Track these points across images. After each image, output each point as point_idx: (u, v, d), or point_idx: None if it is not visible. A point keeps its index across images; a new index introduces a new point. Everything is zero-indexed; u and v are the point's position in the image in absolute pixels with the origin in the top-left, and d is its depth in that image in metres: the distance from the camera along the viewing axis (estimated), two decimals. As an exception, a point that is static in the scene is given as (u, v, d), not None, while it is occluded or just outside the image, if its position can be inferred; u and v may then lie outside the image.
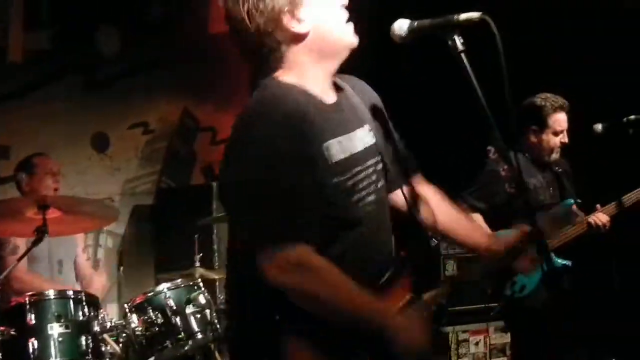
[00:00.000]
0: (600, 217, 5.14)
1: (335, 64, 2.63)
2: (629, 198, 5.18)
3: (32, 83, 7.14)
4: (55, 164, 5.79)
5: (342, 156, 2.52)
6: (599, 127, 5.22)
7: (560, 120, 5.23)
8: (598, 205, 5.17)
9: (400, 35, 2.58)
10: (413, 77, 6.01)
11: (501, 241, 2.81)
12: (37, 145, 6.52)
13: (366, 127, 2.69)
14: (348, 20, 2.60)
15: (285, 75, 2.56)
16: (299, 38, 2.53)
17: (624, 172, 5.75)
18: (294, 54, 2.55)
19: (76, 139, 7.34)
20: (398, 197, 2.84)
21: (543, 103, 5.21)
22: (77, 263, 5.86)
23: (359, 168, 2.57)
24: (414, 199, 2.86)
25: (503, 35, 2.37)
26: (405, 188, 2.84)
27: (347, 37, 2.60)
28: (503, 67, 2.38)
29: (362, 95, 2.80)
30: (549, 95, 5.26)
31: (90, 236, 7.22)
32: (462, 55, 2.44)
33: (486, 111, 2.38)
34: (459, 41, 2.45)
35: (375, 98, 2.87)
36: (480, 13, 2.43)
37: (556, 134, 5.21)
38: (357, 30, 2.61)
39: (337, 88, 2.70)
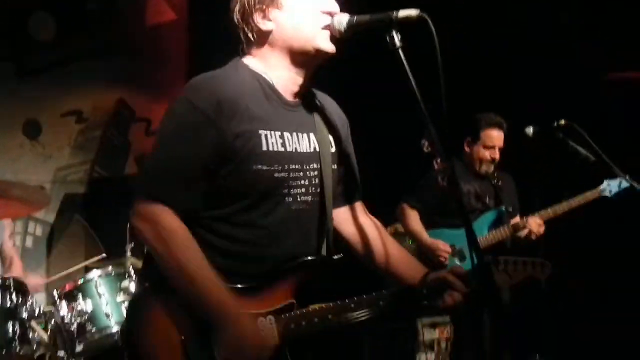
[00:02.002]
0: (535, 221, 5.33)
1: (304, 68, 2.74)
2: (565, 205, 5.38)
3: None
4: None
5: (278, 149, 2.61)
6: (530, 130, 5.37)
7: (492, 136, 5.53)
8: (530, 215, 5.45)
9: (340, 30, 2.64)
10: (352, 72, 6.06)
11: (431, 278, 2.81)
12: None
13: (323, 135, 2.79)
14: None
15: (254, 62, 2.74)
16: (265, 35, 2.71)
17: (552, 175, 5.94)
18: (263, 49, 2.73)
19: (7, 125, 7.24)
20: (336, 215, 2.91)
21: (480, 117, 5.51)
22: (3, 249, 5.75)
23: (296, 166, 2.66)
24: (349, 225, 2.99)
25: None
26: (349, 212, 2.97)
27: (319, 42, 2.67)
28: (439, 64, 2.43)
29: (332, 112, 2.92)
30: (490, 113, 5.51)
31: (19, 224, 7.10)
32: (400, 51, 2.48)
33: (422, 107, 2.42)
34: (397, 37, 2.49)
35: (344, 120, 2.98)
36: (419, 10, 2.48)
37: (486, 147, 5.47)
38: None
39: (306, 94, 2.81)
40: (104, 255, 5.74)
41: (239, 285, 2.56)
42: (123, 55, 7.99)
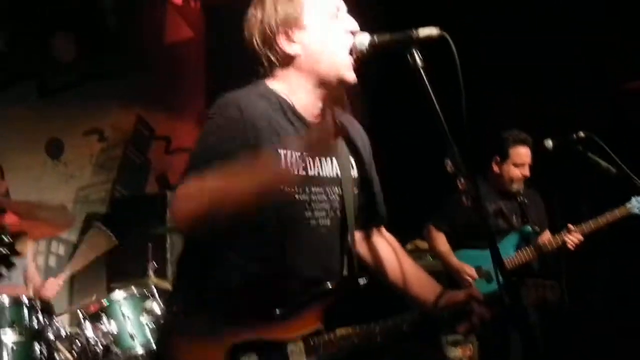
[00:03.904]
0: (575, 237, 5.27)
1: (326, 91, 2.70)
2: (603, 219, 5.31)
3: (-14, 88, 7.06)
4: None
5: (299, 172, 2.58)
6: (549, 143, 5.34)
7: (521, 153, 5.48)
8: (570, 225, 5.30)
9: (361, 50, 2.64)
10: (374, 92, 6.08)
11: (447, 298, 2.83)
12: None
13: (344, 159, 2.78)
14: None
15: (276, 84, 2.69)
16: (290, 58, 2.67)
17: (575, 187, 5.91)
18: (286, 71, 2.69)
19: (30, 145, 7.28)
20: (357, 237, 2.90)
21: (506, 136, 5.47)
22: (27, 268, 5.80)
23: (318, 189, 2.66)
24: (369, 247, 3.00)
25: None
26: (363, 234, 2.97)
27: (341, 70, 2.64)
28: (460, 83, 2.43)
29: (354, 134, 2.91)
30: (515, 130, 5.48)
31: (42, 243, 7.15)
32: (421, 70, 2.47)
33: (444, 127, 2.42)
34: (418, 57, 2.48)
35: (366, 141, 2.96)
36: (439, 30, 2.48)
37: (516, 165, 5.44)
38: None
39: (328, 116, 2.78)
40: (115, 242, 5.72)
41: (268, 313, 2.55)
42: (142, 74, 8.06)
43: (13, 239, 4.47)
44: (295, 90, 2.69)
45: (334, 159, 2.75)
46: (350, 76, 2.66)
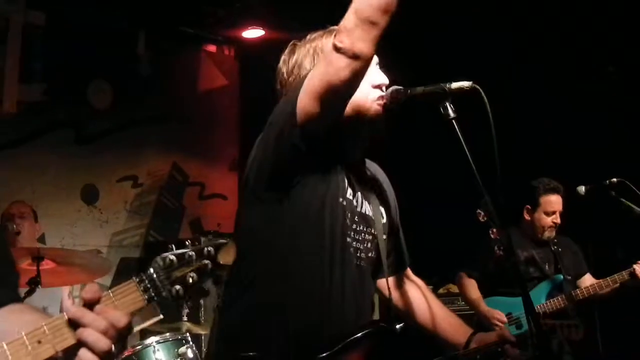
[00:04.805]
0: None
1: (360, 138, 2.77)
2: None
3: (25, 135, 7.21)
4: (26, 207, 5.80)
5: (350, 197, 2.67)
6: (582, 189, 5.34)
7: (552, 201, 5.50)
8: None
9: (397, 101, 2.69)
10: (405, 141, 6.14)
11: (479, 339, 2.85)
12: (26, 196, 6.57)
13: (376, 206, 2.83)
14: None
15: None
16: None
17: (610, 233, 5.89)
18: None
19: (66, 190, 7.39)
20: (383, 283, 2.92)
21: (537, 184, 5.50)
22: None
23: (363, 224, 2.72)
24: (397, 291, 3.03)
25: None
26: (391, 279, 2.96)
27: (371, 115, 2.70)
28: (493, 134, 2.47)
29: (383, 182, 2.99)
30: (545, 178, 5.51)
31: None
32: (454, 122, 2.53)
33: (477, 177, 2.46)
34: (450, 108, 2.55)
35: (392, 192, 3.03)
36: (471, 82, 2.54)
37: (547, 214, 5.45)
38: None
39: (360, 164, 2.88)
40: (161, 316, 5.77)
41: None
42: (176, 121, 8.18)
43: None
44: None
45: (370, 202, 2.80)
46: (379, 118, 2.70)
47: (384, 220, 2.88)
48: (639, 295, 5.46)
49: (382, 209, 2.89)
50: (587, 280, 5.51)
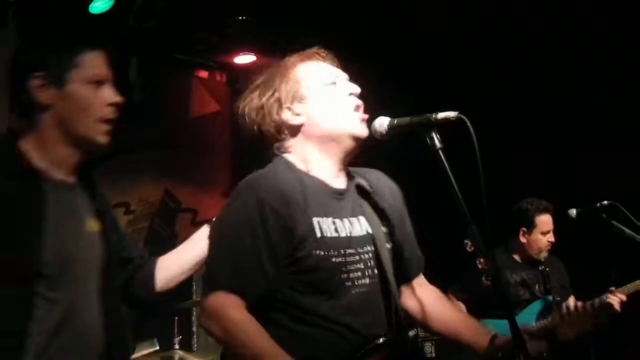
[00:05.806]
0: (619, 296, 5.20)
1: (340, 152, 2.81)
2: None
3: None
4: None
5: (332, 234, 2.67)
6: (573, 212, 5.36)
7: (546, 221, 5.55)
8: (612, 288, 5.25)
9: (381, 132, 2.71)
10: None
11: (499, 341, 2.84)
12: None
13: (372, 217, 2.84)
14: (364, 110, 2.79)
15: (292, 157, 2.81)
16: (296, 129, 2.80)
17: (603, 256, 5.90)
18: (298, 142, 2.81)
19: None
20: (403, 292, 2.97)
21: (529, 206, 5.52)
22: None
23: (350, 250, 2.71)
24: (413, 299, 3.03)
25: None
26: (404, 286, 2.99)
27: (348, 126, 2.76)
28: (479, 164, 2.48)
29: (380, 187, 2.99)
30: (534, 199, 5.53)
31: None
32: (440, 152, 2.55)
33: (463, 207, 2.47)
34: (436, 139, 2.57)
35: (394, 190, 3.05)
36: (457, 112, 2.55)
37: (543, 234, 5.48)
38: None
39: (350, 177, 2.88)
40: (157, 347, 5.75)
41: None
42: (168, 147, 8.14)
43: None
44: (311, 160, 2.79)
45: (362, 218, 2.81)
46: (362, 129, 2.76)
47: (384, 229, 2.88)
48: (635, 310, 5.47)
49: (379, 218, 2.89)
50: (570, 301, 5.48)
